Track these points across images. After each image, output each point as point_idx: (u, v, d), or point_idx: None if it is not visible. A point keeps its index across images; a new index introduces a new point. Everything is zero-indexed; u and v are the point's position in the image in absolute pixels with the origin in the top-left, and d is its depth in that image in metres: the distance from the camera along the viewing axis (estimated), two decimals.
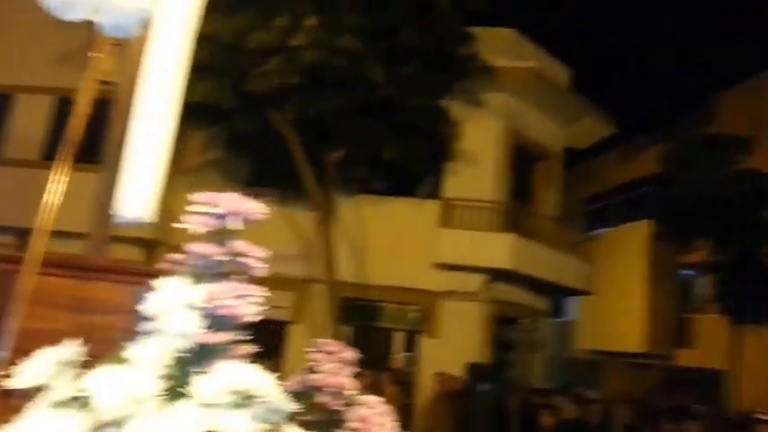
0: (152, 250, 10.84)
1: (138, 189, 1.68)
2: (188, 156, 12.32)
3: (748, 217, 14.48)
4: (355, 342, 12.69)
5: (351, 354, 1.89)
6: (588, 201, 27.39)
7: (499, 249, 11.56)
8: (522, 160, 13.43)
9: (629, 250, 22.60)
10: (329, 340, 1.92)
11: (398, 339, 12.62)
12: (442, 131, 10.81)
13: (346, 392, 1.79)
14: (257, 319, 1.26)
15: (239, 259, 1.30)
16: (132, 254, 10.50)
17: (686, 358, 20.43)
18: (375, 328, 12.54)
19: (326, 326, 9.70)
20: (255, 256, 1.32)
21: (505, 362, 12.22)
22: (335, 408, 1.76)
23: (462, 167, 12.26)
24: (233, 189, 1.37)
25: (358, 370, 1.97)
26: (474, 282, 12.00)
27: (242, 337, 1.26)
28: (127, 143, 1.69)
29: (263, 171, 11.62)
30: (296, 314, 12.06)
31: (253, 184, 11.89)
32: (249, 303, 1.25)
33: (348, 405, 1.77)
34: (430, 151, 10.90)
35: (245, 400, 1.16)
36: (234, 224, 1.30)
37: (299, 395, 1.79)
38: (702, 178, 15.47)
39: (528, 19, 13.45)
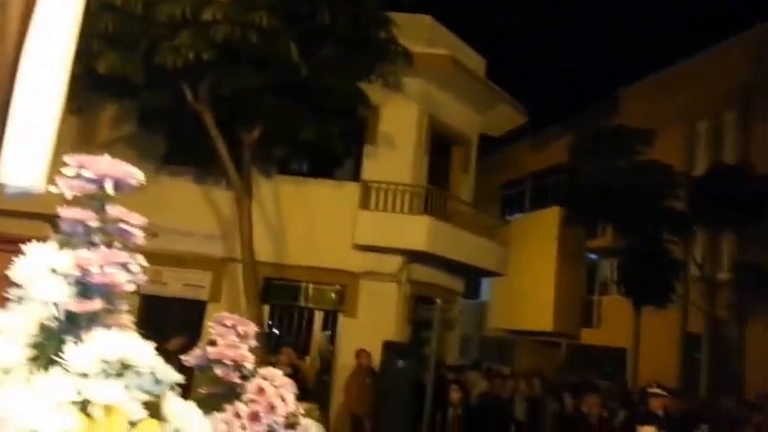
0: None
1: (24, 157, 1.53)
2: (100, 131, 11.95)
3: (649, 205, 15.36)
4: (275, 321, 12.79)
5: (251, 327, 1.87)
6: (503, 187, 28.34)
7: (416, 231, 11.87)
8: (439, 145, 13.79)
9: (540, 235, 23.57)
10: (228, 313, 1.89)
11: (318, 319, 12.76)
12: (360, 114, 10.95)
13: (245, 365, 1.78)
14: (132, 288, 1.22)
15: (116, 226, 1.23)
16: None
17: (591, 337, 21.61)
18: (295, 308, 12.64)
19: (245, 305, 9.70)
20: (134, 224, 1.25)
21: (422, 340, 12.58)
22: (233, 380, 1.75)
23: (381, 150, 12.49)
24: (147, 166, 1.36)
25: (279, 347, 1.95)
26: (392, 263, 12.28)
27: (119, 306, 1.22)
28: (11, 107, 1.54)
29: (179, 149, 11.42)
30: (214, 293, 12.00)
31: (168, 162, 11.69)
32: (125, 271, 1.20)
33: (246, 378, 1.75)
34: (348, 133, 11.03)
35: (119, 369, 1.11)
36: (110, 189, 1.22)
37: (199, 368, 1.79)
38: (607, 168, 16.28)
39: (442, 7, 13.73)
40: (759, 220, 14.95)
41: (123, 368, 1.11)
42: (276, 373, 1.74)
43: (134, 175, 1.25)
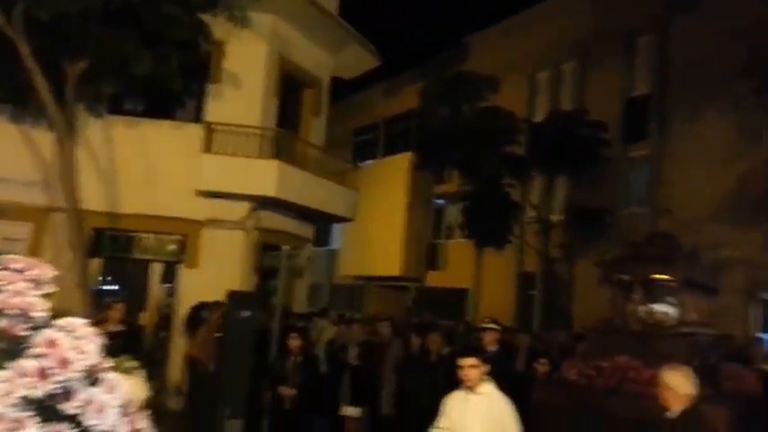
0: None
1: None
2: None
3: (492, 150, 15.92)
4: (109, 275, 11.78)
5: (46, 271, 1.58)
6: (355, 133, 28.27)
7: (264, 176, 11.34)
8: (289, 86, 13.20)
9: (390, 181, 23.89)
10: (18, 257, 1.58)
11: (156, 271, 11.94)
12: (203, 49, 10.09)
13: (34, 315, 1.49)
14: None
15: None
16: None
17: (437, 279, 22.45)
18: (130, 260, 11.72)
19: (71, 259, 8.75)
20: None
21: (269, 289, 12.25)
22: (20, 333, 1.47)
23: (226, 90, 11.69)
24: None
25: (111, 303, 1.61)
26: (238, 210, 11.71)
27: None
28: None
29: None
30: (34, 247, 10.72)
31: None
32: None
33: (36, 329, 1.48)
34: (190, 70, 10.13)
35: None
36: None
37: None
38: (454, 114, 16.62)
39: None
40: (590, 164, 16.07)
41: None
42: (77, 324, 1.50)
43: None
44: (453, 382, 4.47)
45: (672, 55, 16.73)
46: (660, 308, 6.50)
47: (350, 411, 8.30)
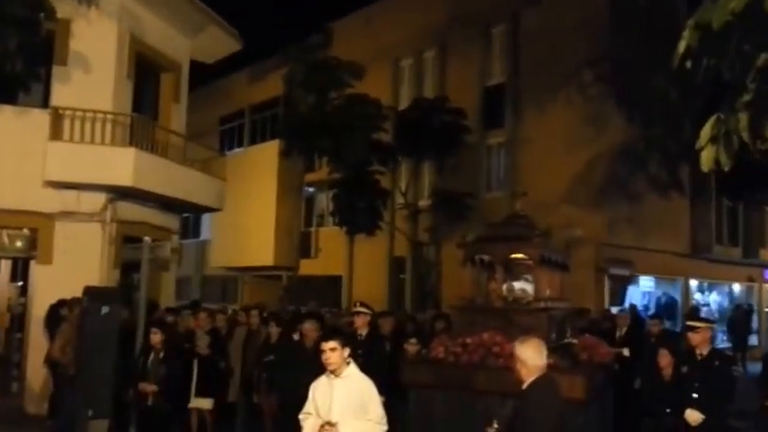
0: None
1: None
2: None
3: (360, 137, 16.06)
4: None
5: None
6: (221, 120, 27.51)
7: (120, 165, 10.70)
8: (145, 70, 12.55)
9: (259, 169, 23.51)
10: None
11: (5, 269, 11.00)
12: (44, 27, 9.34)
13: None
14: None
15: None
16: None
17: (310, 267, 22.43)
18: None
19: None
20: None
21: (132, 283, 11.67)
22: None
23: (75, 73, 10.91)
24: None
25: None
26: (94, 201, 11.02)
27: None
28: None
29: None
30: None
31: None
32: None
33: None
34: (31, 51, 9.34)
35: None
36: None
37: None
38: (320, 101, 16.60)
39: None
40: (452, 150, 16.70)
41: None
42: None
43: None
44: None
45: (523, 45, 17.67)
46: (519, 285, 6.76)
47: (200, 403, 8.04)
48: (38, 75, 10.52)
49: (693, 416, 5.72)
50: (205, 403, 8.01)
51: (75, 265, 10.48)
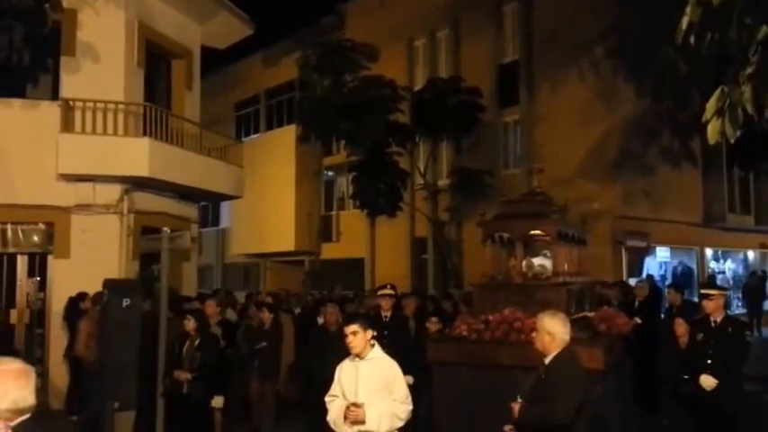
0: None
1: None
2: None
3: (377, 119, 15.86)
4: None
5: None
6: (237, 107, 27.39)
7: (135, 155, 10.60)
8: (156, 58, 12.40)
9: (278, 155, 23.42)
10: None
11: (22, 264, 10.98)
12: (50, 18, 9.19)
13: None
14: None
15: None
16: None
17: (331, 251, 22.40)
18: None
19: None
20: None
21: (153, 275, 11.62)
22: None
23: (84, 64, 10.78)
24: None
25: None
26: (110, 192, 10.94)
27: None
28: None
29: None
30: None
31: None
32: None
33: None
34: (38, 42, 9.22)
35: None
36: None
37: None
38: (336, 83, 16.39)
39: None
40: (469, 129, 16.49)
41: None
42: None
43: None
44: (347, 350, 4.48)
45: (535, 22, 17.43)
46: (538, 261, 6.80)
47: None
48: (46, 67, 10.43)
49: (708, 381, 5.84)
50: (216, 401, 7.53)
51: (93, 258, 10.43)
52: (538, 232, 6.63)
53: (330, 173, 23.85)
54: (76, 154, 10.28)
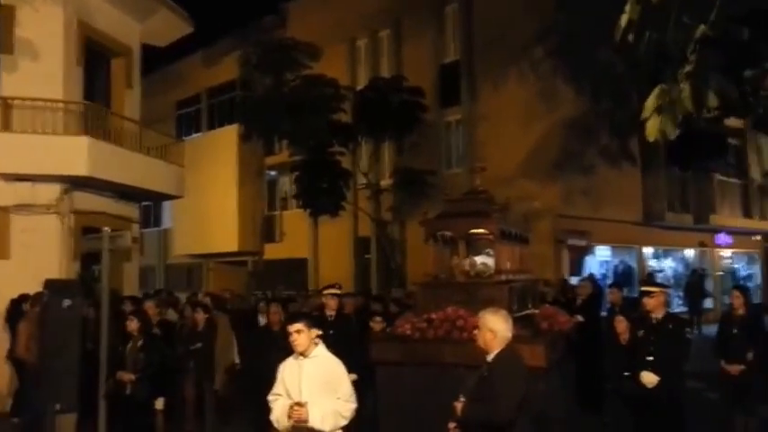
0: None
1: None
2: None
3: (319, 119, 15.97)
4: None
5: None
6: (179, 105, 27.00)
7: (74, 155, 10.49)
8: (96, 56, 12.26)
9: (220, 154, 23.24)
10: None
11: None
12: None
13: None
14: None
15: None
16: None
17: (275, 251, 22.37)
18: None
19: None
20: None
21: (93, 275, 11.50)
22: None
23: (22, 61, 10.62)
24: None
25: None
26: (50, 192, 10.81)
27: None
28: None
29: None
30: None
31: None
32: None
33: None
34: None
35: None
36: None
37: None
38: (277, 83, 16.41)
39: None
40: (411, 128, 16.72)
41: None
42: None
43: None
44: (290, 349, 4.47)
45: (476, 22, 17.77)
46: (480, 259, 6.80)
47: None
48: None
49: (648, 377, 5.87)
50: (157, 403, 7.64)
51: (33, 259, 10.30)
52: (480, 231, 6.61)
53: (273, 173, 23.79)
54: (15, 153, 10.13)
